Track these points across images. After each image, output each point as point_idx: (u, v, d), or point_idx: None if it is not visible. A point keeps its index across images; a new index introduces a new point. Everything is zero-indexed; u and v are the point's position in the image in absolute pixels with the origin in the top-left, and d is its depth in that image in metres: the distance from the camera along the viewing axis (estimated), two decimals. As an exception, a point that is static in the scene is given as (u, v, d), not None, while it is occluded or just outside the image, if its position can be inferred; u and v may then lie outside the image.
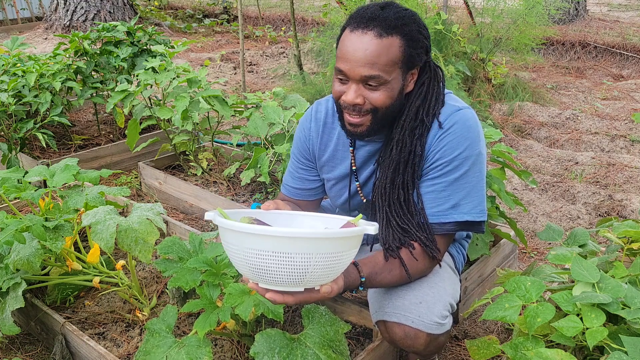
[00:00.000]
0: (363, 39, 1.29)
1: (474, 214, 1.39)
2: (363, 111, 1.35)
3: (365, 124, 1.37)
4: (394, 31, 1.29)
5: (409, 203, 1.40)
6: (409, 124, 1.39)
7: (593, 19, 7.53)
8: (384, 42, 1.29)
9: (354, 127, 1.39)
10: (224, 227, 1.13)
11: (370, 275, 1.35)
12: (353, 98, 1.33)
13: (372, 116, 1.36)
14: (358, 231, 1.14)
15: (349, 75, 1.32)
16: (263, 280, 1.14)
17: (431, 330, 1.37)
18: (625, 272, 1.38)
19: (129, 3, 8.19)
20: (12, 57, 3.42)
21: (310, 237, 1.08)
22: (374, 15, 1.30)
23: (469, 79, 4.48)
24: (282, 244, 1.08)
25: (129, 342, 1.89)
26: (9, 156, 3.10)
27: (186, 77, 2.88)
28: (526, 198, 3.02)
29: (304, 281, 1.13)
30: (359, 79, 1.31)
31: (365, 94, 1.33)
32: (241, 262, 1.13)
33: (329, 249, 1.10)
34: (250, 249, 1.09)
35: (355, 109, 1.35)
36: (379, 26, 1.29)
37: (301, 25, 7.85)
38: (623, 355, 1.11)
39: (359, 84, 1.32)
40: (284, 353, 1.45)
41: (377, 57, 1.28)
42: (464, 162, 1.37)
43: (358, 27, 1.30)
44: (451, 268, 1.59)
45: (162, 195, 3.08)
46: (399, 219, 1.41)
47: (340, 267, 1.16)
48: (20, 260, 1.72)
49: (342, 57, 1.32)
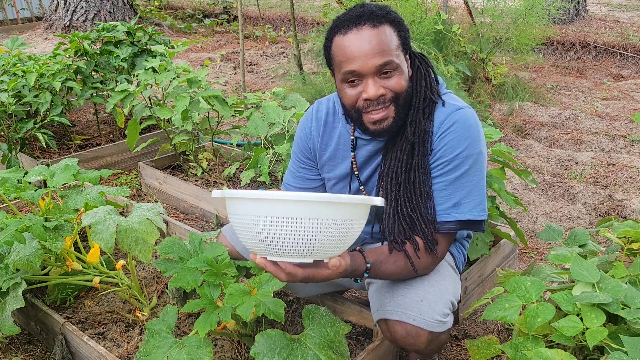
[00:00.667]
0: (362, 34, 1.31)
1: (475, 213, 1.40)
2: (387, 101, 1.36)
3: (390, 115, 1.38)
4: (384, 20, 1.34)
5: (421, 184, 1.41)
6: (420, 104, 1.42)
7: (593, 19, 7.53)
8: (381, 31, 1.32)
9: (379, 124, 1.39)
10: (233, 197, 1.13)
11: (375, 262, 1.36)
12: (375, 91, 1.34)
13: (395, 105, 1.37)
14: (365, 199, 1.15)
15: (362, 72, 1.33)
16: (272, 252, 1.14)
17: (433, 328, 1.37)
18: (625, 272, 1.38)
19: (129, 3, 8.19)
20: (12, 57, 3.42)
21: (319, 200, 1.09)
22: (359, 13, 1.34)
23: (469, 79, 4.48)
24: (291, 208, 1.08)
25: (129, 342, 1.89)
26: (9, 156, 3.10)
27: (186, 77, 2.88)
28: (526, 198, 3.02)
29: (313, 251, 1.13)
30: (374, 71, 1.32)
31: (383, 83, 1.35)
32: (250, 234, 1.13)
33: (338, 215, 1.11)
34: (259, 216, 1.09)
35: (379, 101, 1.36)
36: (370, 19, 1.32)
37: (301, 25, 7.85)
38: (623, 355, 1.11)
39: (374, 77, 1.34)
40: (284, 353, 1.45)
41: (383, 44, 1.31)
42: (464, 161, 1.38)
43: (350, 28, 1.33)
44: (452, 267, 1.59)
45: (162, 195, 3.08)
46: (409, 204, 1.41)
47: (348, 239, 1.16)
48: (20, 260, 1.72)
49: (348, 58, 1.33)
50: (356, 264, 1.32)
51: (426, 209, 1.40)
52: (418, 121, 1.41)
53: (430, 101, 1.42)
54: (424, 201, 1.41)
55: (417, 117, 1.41)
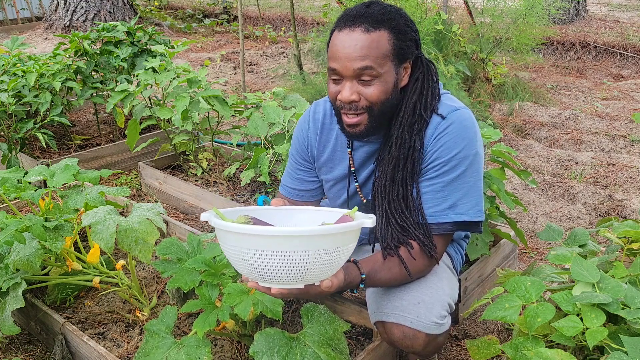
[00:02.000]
0: (352, 35, 1.31)
1: (471, 214, 1.39)
2: (359, 109, 1.35)
3: (363, 122, 1.37)
4: (381, 25, 1.32)
5: (407, 200, 1.41)
6: (407, 120, 1.39)
7: (593, 19, 7.53)
8: (372, 36, 1.30)
9: (352, 128, 1.39)
10: (220, 229, 1.13)
11: (370, 272, 1.35)
12: (348, 95, 1.33)
13: (369, 114, 1.36)
14: (354, 226, 1.15)
15: (342, 73, 1.33)
16: (263, 279, 1.14)
17: (430, 330, 1.37)
18: (625, 272, 1.38)
19: (129, 3, 8.19)
20: (12, 57, 3.42)
21: (307, 234, 1.08)
22: (359, 13, 1.33)
23: (469, 79, 4.48)
24: (280, 242, 1.08)
25: (129, 342, 1.89)
26: (9, 156, 3.10)
27: (186, 77, 2.88)
28: (526, 198, 3.02)
29: (303, 278, 1.13)
30: (352, 74, 1.32)
31: (360, 90, 1.33)
32: (240, 263, 1.14)
33: (327, 245, 1.10)
34: (248, 249, 1.10)
35: (351, 106, 1.35)
36: (366, 22, 1.31)
37: (301, 25, 7.85)
38: (623, 355, 1.11)
39: (353, 81, 1.33)
40: (283, 352, 1.45)
41: (367, 49, 1.30)
42: (461, 162, 1.37)
43: (345, 26, 1.33)
44: (449, 268, 1.59)
45: (162, 195, 3.08)
46: (398, 216, 1.41)
47: (339, 262, 1.16)
48: (20, 260, 1.72)
49: (333, 56, 1.34)
50: (351, 276, 1.30)
51: (417, 218, 1.40)
52: (403, 137, 1.39)
53: (419, 117, 1.39)
54: (411, 215, 1.40)
55: (402, 133, 1.39)
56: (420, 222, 1.40)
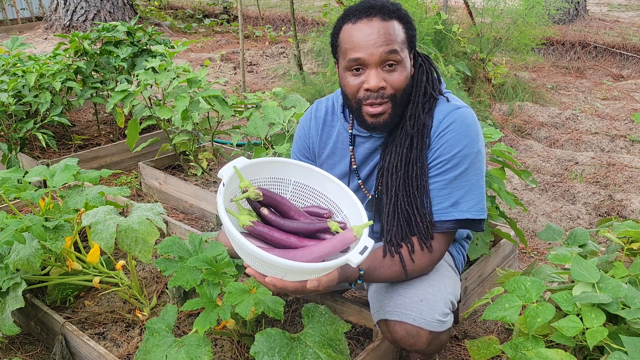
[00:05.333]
0: (371, 24, 1.35)
1: (474, 212, 1.39)
2: (385, 97, 1.38)
3: (387, 111, 1.40)
4: (394, 15, 1.37)
5: (418, 179, 1.41)
6: (420, 99, 1.43)
7: (593, 19, 7.53)
8: (389, 24, 1.36)
9: (377, 118, 1.41)
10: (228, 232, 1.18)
11: (369, 269, 1.36)
12: (377, 82, 1.36)
13: (392, 102, 1.39)
14: (338, 263, 1.17)
15: (367, 61, 1.35)
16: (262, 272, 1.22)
17: (433, 328, 1.37)
18: (625, 272, 1.38)
19: (129, 3, 8.19)
20: (12, 57, 3.42)
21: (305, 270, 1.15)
22: (370, 5, 1.38)
23: (469, 79, 4.48)
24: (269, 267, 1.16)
25: (129, 342, 1.89)
26: (9, 156, 3.10)
27: (186, 77, 2.88)
28: (526, 198, 3.02)
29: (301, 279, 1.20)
30: (379, 60, 1.35)
31: (385, 76, 1.37)
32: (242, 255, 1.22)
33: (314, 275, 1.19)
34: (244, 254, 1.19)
35: (379, 94, 1.37)
36: (380, 12, 1.36)
37: (301, 25, 7.85)
38: (623, 355, 1.11)
39: (378, 68, 1.36)
40: (284, 352, 1.45)
41: (391, 35, 1.35)
42: (463, 160, 1.38)
43: (361, 17, 1.36)
44: (451, 267, 1.59)
45: (162, 195, 3.08)
46: (406, 198, 1.41)
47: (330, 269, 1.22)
48: (20, 260, 1.72)
49: (355, 46, 1.36)
50: (348, 272, 1.32)
51: (422, 203, 1.41)
52: (417, 115, 1.42)
53: (430, 96, 1.44)
54: (420, 195, 1.41)
55: (416, 111, 1.43)
56: (423, 209, 1.40)
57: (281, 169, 1.39)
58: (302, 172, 1.40)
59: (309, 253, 1.21)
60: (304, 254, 1.21)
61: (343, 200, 1.36)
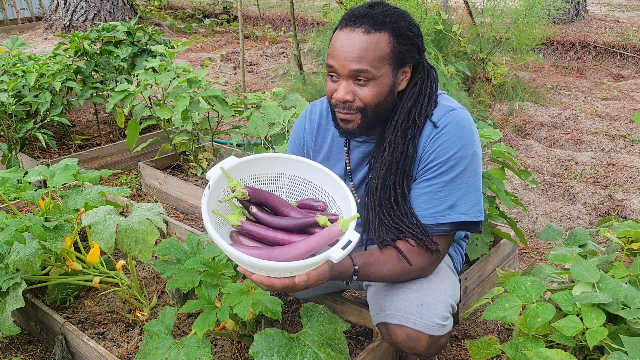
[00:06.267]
0: (352, 35, 1.32)
1: (471, 214, 1.39)
2: (353, 109, 1.36)
3: (355, 121, 1.38)
4: (382, 27, 1.32)
5: (399, 203, 1.40)
6: (401, 125, 1.39)
7: (593, 19, 7.53)
8: (371, 38, 1.31)
9: (345, 123, 1.40)
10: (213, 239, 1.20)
11: (364, 265, 1.34)
12: (343, 94, 1.34)
13: (362, 115, 1.37)
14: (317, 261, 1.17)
15: (338, 71, 1.34)
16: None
17: (433, 331, 1.36)
18: (625, 272, 1.38)
19: (129, 3, 8.19)
20: (12, 57, 3.42)
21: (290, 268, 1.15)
22: (362, 13, 1.34)
23: (469, 79, 4.48)
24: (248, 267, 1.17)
25: (129, 342, 1.89)
26: (9, 156, 3.10)
27: (186, 77, 2.88)
28: (526, 198, 3.02)
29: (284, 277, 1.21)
30: (347, 74, 1.33)
31: (355, 90, 1.34)
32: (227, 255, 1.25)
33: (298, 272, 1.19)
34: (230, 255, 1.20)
35: (345, 106, 1.36)
36: (367, 23, 1.32)
37: (301, 25, 7.85)
38: (623, 355, 1.11)
39: (349, 80, 1.34)
40: (283, 352, 1.44)
41: (365, 51, 1.31)
42: (459, 162, 1.37)
43: (347, 25, 1.34)
44: (450, 269, 1.59)
45: (162, 195, 3.08)
46: (390, 219, 1.41)
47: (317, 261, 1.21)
48: (20, 260, 1.72)
49: (332, 54, 1.35)
50: (341, 267, 1.30)
51: (411, 219, 1.40)
52: (396, 143, 1.39)
53: (413, 123, 1.39)
54: (404, 217, 1.40)
55: (395, 139, 1.39)
56: (414, 223, 1.39)
57: (275, 164, 1.40)
58: (295, 166, 1.41)
59: (294, 249, 1.21)
60: (289, 250, 1.21)
61: (337, 192, 1.36)
